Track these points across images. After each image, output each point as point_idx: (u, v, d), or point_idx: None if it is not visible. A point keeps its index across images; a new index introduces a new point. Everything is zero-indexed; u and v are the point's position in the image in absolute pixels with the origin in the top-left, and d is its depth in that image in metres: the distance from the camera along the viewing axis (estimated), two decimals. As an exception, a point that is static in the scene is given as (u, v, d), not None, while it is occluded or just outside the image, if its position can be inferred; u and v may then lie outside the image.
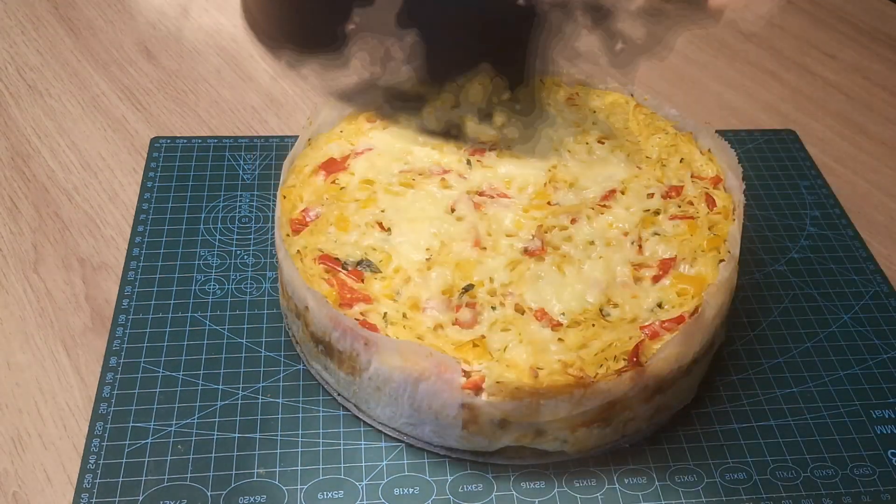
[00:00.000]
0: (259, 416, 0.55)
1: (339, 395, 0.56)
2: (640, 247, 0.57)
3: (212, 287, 0.62)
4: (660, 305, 0.54)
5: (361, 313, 0.52)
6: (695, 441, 0.56)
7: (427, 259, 0.55)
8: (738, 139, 0.79)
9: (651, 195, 0.60)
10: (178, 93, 0.80)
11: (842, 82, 0.90)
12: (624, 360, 0.50)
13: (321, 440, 0.54)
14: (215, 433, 0.54)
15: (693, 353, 0.53)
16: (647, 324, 0.52)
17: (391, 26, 0.54)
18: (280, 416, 0.55)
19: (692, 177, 0.62)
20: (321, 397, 0.57)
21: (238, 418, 0.55)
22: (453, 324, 0.52)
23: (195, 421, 0.54)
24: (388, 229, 0.57)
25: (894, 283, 0.67)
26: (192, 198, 0.69)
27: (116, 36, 0.86)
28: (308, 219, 0.58)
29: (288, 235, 0.57)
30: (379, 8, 0.53)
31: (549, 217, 0.58)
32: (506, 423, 0.51)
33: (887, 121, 0.85)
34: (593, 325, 0.52)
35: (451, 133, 0.60)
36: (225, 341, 0.59)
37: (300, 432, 0.54)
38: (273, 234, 0.66)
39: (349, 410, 0.56)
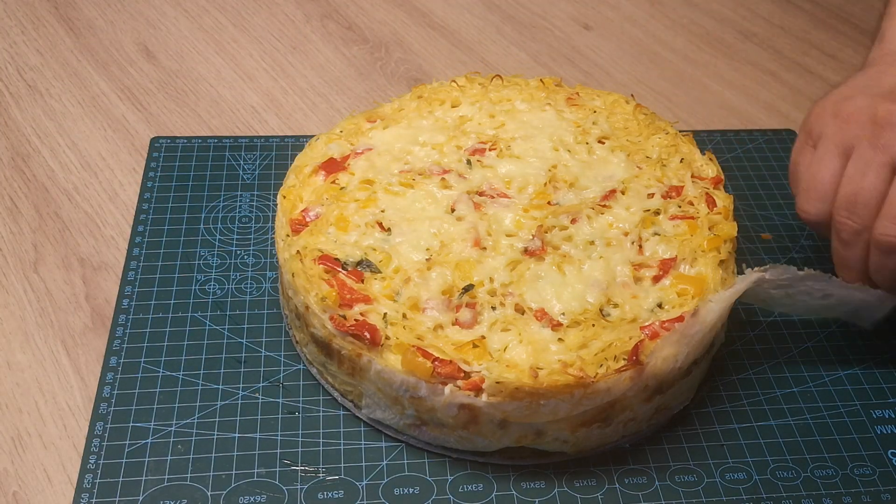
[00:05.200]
0: (259, 416, 0.55)
1: (339, 395, 0.56)
2: (640, 247, 0.57)
3: (212, 287, 0.62)
4: (660, 305, 0.54)
5: (361, 314, 0.52)
6: (695, 441, 0.56)
7: (427, 259, 0.55)
8: (738, 139, 0.79)
9: (651, 195, 0.60)
10: (178, 93, 0.80)
11: (842, 82, 0.89)
12: (624, 359, 0.50)
13: (321, 440, 0.54)
14: (215, 433, 0.54)
15: (693, 354, 0.53)
16: (647, 324, 0.52)
17: None
18: (280, 416, 0.55)
19: (692, 177, 0.62)
20: (321, 397, 0.57)
21: (238, 418, 0.55)
22: (453, 324, 0.52)
23: (195, 421, 0.54)
24: (388, 229, 0.56)
25: (894, 283, 0.67)
26: (192, 198, 0.69)
27: (116, 36, 0.86)
28: (308, 219, 0.58)
29: (288, 235, 0.57)
30: None
31: (549, 217, 0.58)
32: (506, 424, 0.51)
33: (887, 121, 0.85)
34: (593, 325, 0.52)
35: None
36: (225, 341, 0.59)
37: (300, 432, 0.54)
38: (273, 234, 0.66)
39: (349, 410, 0.56)
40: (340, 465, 0.53)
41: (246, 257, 0.65)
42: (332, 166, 0.61)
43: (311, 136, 0.65)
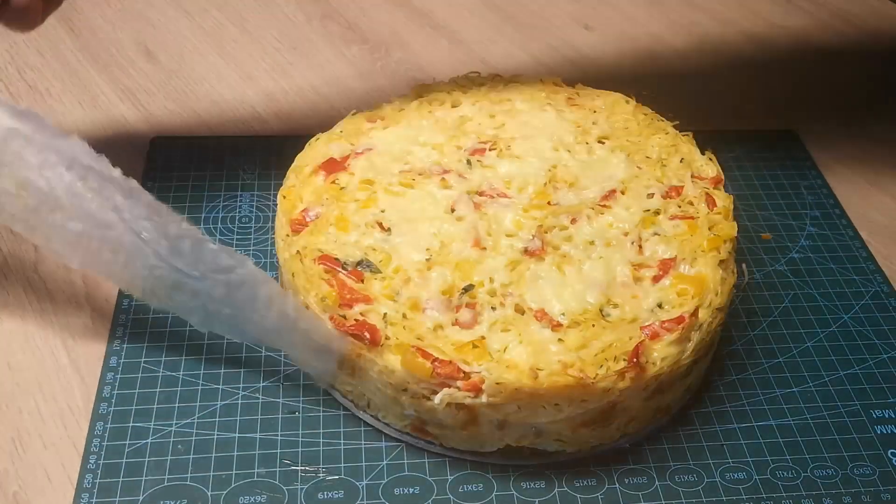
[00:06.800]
0: (259, 416, 0.55)
1: (339, 395, 0.56)
2: (640, 247, 0.57)
3: (212, 287, 0.62)
4: (660, 305, 0.54)
5: (361, 314, 0.52)
6: (695, 441, 0.56)
7: (427, 259, 0.55)
8: (738, 139, 0.79)
9: (651, 195, 0.60)
10: (178, 93, 0.80)
11: (842, 82, 0.90)
12: (624, 360, 0.50)
13: (321, 440, 0.54)
14: (215, 433, 0.54)
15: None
16: (647, 324, 0.52)
17: None
18: (280, 416, 0.55)
19: (692, 177, 0.62)
20: (321, 397, 0.57)
21: (238, 418, 0.55)
22: (453, 324, 0.52)
23: (195, 421, 0.54)
24: (388, 229, 0.56)
25: (894, 283, 0.67)
26: (192, 198, 0.69)
27: (116, 36, 0.86)
28: (308, 219, 0.58)
29: (288, 235, 0.57)
30: None
31: (549, 217, 0.58)
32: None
33: (887, 121, 0.85)
34: (593, 325, 0.52)
35: None
36: (225, 341, 0.59)
37: (300, 432, 0.54)
38: (273, 234, 0.66)
39: (349, 410, 0.56)
40: (340, 465, 0.53)
41: (246, 257, 0.65)
42: (332, 166, 0.61)
43: (311, 136, 0.65)
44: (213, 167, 0.72)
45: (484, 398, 0.50)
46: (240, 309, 0.50)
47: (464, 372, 0.50)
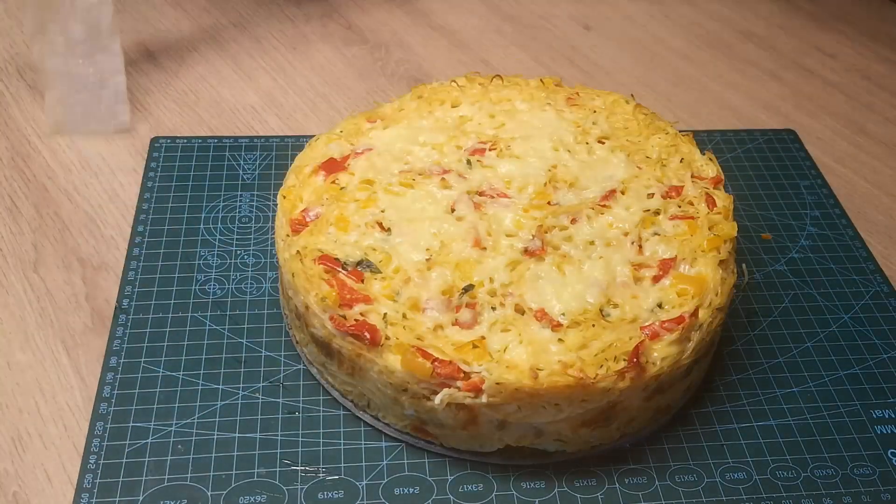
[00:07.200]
0: (259, 416, 0.55)
1: (339, 395, 0.56)
2: (640, 247, 0.57)
3: (212, 287, 0.62)
4: (660, 305, 0.54)
5: (361, 314, 0.52)
6: (695, 441, 0.56)
7: (427, 259, 0.55)
8: (738, 139, 0.79)
9: (651, 195, 0.60)
10: (178, 93, 0.80)
11: (842, 82, 0.90)
12: (624, 360, 0.50)
13: (321, 440, 0.54)
14: (215, 433, 0.54)
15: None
16: (647, 324, 0.52)
17: None
18: (280, 416, 0.55)
19: (692, 177, 0.62)
20: (321, 397, 0.57)
21: (238, 418, 0.55)
22: (453, 324, 0.52)
23: (195, 421, 0.54)
24: (388, 229, 0.56)
25: (894, 283, 0.67)
26: (192, 198, 0.69)
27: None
28: (308, 219, 0.58)
29: (288, 235, 0.57)
30: None
31: (549, 217, 0.58)
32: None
33: (887, 121, 0.85)
34: (593, 325, 0.52)
35: None
36: (225, 341, 0.59)
37: (300, 432, 0.54)
38: (273, 234, 0.66)
39: (349, 410, 0.56)
40: (340, 465, 0.53)
41: (246, 257, 0.65)
42: (332, 166, 0.61)
43: (311, 136, 0.65)
44: (213, 167, 0.72)
45: (484, 398, 0.50)
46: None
47: (464, 372, 0.50)
